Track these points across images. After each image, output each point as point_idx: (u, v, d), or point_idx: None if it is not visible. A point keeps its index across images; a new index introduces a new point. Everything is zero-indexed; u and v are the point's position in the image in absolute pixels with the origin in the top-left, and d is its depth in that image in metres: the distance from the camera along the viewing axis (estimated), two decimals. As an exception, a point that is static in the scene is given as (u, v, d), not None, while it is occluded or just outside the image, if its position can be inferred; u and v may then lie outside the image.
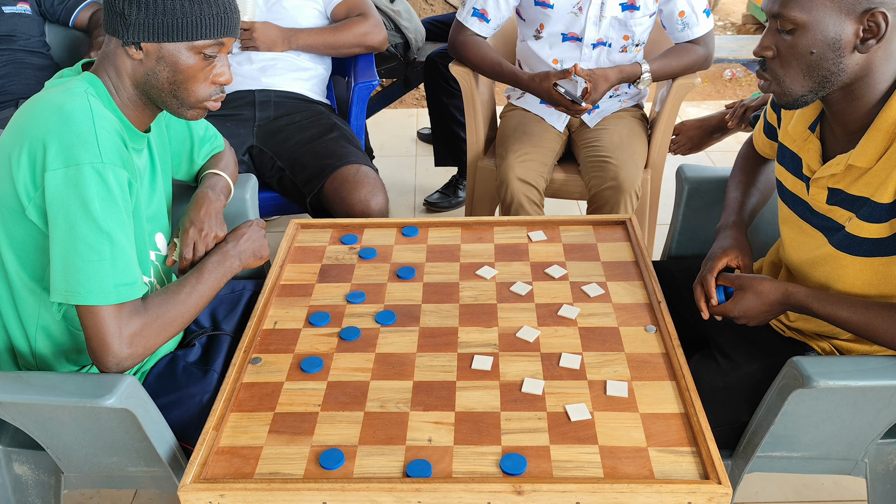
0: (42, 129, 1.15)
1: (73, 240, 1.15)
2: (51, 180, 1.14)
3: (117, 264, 1.17)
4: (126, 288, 1.18)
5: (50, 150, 1.14)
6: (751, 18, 5.08)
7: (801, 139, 1.34)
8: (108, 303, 1.16)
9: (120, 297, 1.17)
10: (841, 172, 1.25)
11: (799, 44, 1.16)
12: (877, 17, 1.11)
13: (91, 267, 1.15)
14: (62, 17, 2.57)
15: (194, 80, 1.25)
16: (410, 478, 1.11)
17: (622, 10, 2.10)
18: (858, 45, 1.14)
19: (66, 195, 1.14)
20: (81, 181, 1.14)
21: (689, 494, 1.07)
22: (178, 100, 1.27)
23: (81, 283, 1.15)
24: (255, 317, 1.44)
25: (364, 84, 2.29)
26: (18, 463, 1.38)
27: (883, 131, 1.18)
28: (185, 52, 1.23)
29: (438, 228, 1.74)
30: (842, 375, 1.17)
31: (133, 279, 1.19)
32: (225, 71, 1.28)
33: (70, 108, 1.17)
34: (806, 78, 1.19)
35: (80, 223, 1.14)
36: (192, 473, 1.12)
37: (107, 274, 1.16)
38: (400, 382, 1.29)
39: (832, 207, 1.28)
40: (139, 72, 1.24)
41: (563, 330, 1.40)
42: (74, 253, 1.15)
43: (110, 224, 1.16)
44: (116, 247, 1.17)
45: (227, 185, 1.58)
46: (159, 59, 1.23)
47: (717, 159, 3.36)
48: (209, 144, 1.62)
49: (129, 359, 1.20)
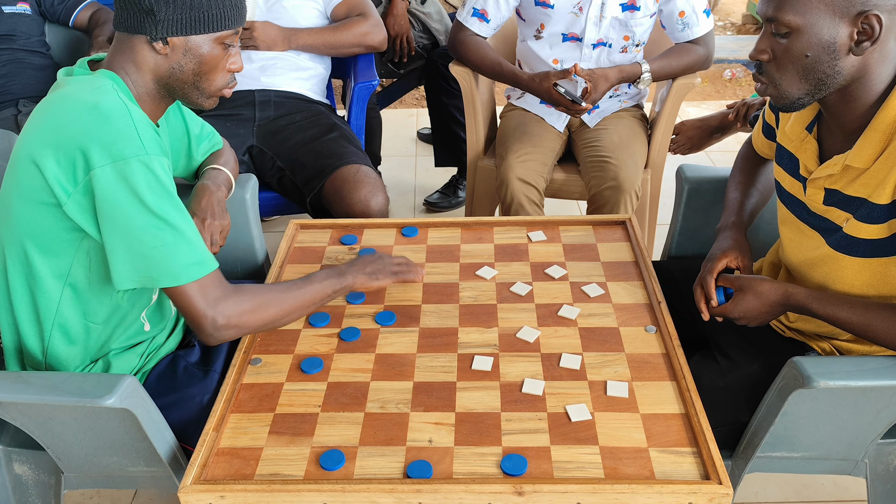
0: (79, 127, 1.17)
1: (134, 231, 1.18)
2: (100, 177, 1.16)
3: (179, 248, 1.21)
4: (195, 267, 1.22)
5: (94, 148, 1.16)
6: (751, 18, 5.08)
7: (799, 139, 1.34)
8: (180, 283, 1.21)
9: (190, 277, 1.22)
10: (838, 173, 1.25)
11: (794, 47, 1.16)
12: (870, 19, 1.11)
13: (157, 253, 1.19)
14: (62, 16, 2.57)
15: (216, 70, 1.31)
16: (411, 479, 1.11)
17: (622, 11, 2.10)
18: (853, 47, 1.14)
19: (118, 190, 1.17)
20: (131, 175, 1.16)
21: (689, 495, 1.07)
22: (199, 90, 1.32)
23: (153, 268, 1.20)
24: (255, 317, 1.44)
25: (364, 84, 2.28)
26: (18, 463, 1.38)
27: (880, 132, 1.18)
28: (209, 43, 1.28)
29: (438, 229, 1.74)
30: (842, 375, 1.17)
31: (200, 257, 1.23)
32: (238, 59, 1.34)
33: (106, 105, 1.20)
34: (802, 81, 1.19)
35: (137, 215, 1.18)
36: (193, 474, 1.12)
37: (172, 258, 1.20)
38: (400, 383, 1.29)
39: (829, 208, 1.28)
40: (163, 66, 1.28)
41: (564, 330, 1.40)
42: (138, 242, 1.19)
43: (166, 211, 1.19)
44: (175, 231, 1.20)
45: (227, 177, 1.60)
46: (185, 52, 1.27)
47: (717, 159, 3.36)
48: (207, 142, 1.62)
49: (224, 328, 1.25)
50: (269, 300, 1.30)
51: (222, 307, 1.24)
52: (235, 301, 1.26)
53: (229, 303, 1.25)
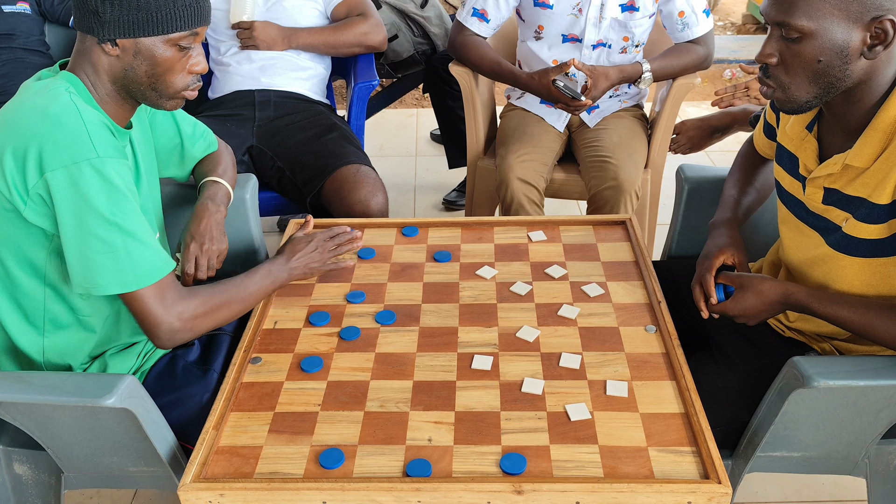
0: (30, 133, 1.16)
1: (84, 235, 1.17)
2: (53, 181, 1.15)
3: (132, 252, 1.19)
4: (151, 271, 1.21)
5: (45, 153, 1.15)
6: (751, 18, 5.08)
7: (799, 139, 1.34)
8: (131, 289, 1.20)
9: (146, 281, 1.21)
10: (838, 172, 1.24)
11: (805, 52, 1.14)
12: (884, 23, 1.10)
13: (106, 258, 1.18)
14: (62, 16, 2.57)
15: (172, 72, 1.26)
16: (410, 477, 1.11)
17: (622, 12, 2.10)
18: (865, 51, 1.13)
19: (70, 194, 1.15)
20: (81, 179, 1.15)
21: (688, 494, 1.07)
22: (156, 92, 1.28)
23: (100, 275, 1.18)
24: (255, 316, 1.44)
25: (364, 84, 2.28)
26: (18, 463, 1.38)
27: (880, 131, 1.18)
28: (161, 45, 1.23)
29: (438, 228, 1.74)
30: (842, 375, 1.17)
31: (155, 260, 1.22)
32: (200, 60, 1.29)
33: (56, 109, 1.18)
34: (812, 85, 1.18)
35: (88, 219, 1.16)
36: (192, 473, 1.12)
37: (123, 263, 1.19)
38: (400, 382, 1.29)
39: (828, 207, 1.28)
40: (116, 67, 1.25)
41: (563, 330, 1.40)
42: (88, 248, 1.17)
43: (117, 215, 1.18)
44: (127, 235, 1.19)
45: (227, 193, 1.58)
46: (136, 53, 1.23)
47: (717, 159, 3.36)
48: (202, 141, 1.61)
49: (181, 332, 1.25)
50: (219, 303, 1.31)
51: (179, 310, 1.24)
52: (190, 304, 1.26)
53: (184, 305, 1.25)
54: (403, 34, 2.83)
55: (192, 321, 1.26)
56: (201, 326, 1.28)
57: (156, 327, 1.23)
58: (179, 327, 1.24)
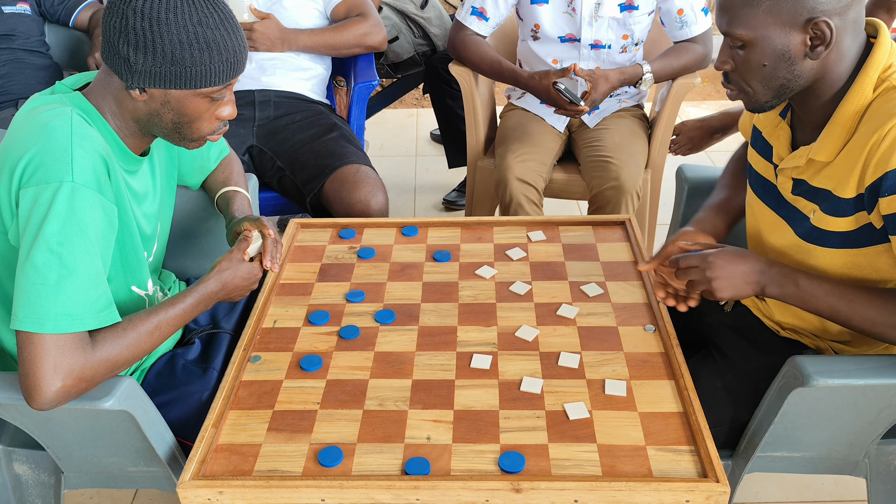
0: (24, 147, 1.12)
1: (25, 260, 1.08)
2: (22, 198, 1.09)
3: (62, 291, 1.07)
4: (67, 319, 1.07)
5: (28, 169, 1.10)
6: (751, 19, 5.07)
7: (772, 125, 1.36)
8: (43, 331, 1.06)
9: (58, 328, 1.06)
10: (803, 165, 1.26)
11: (750, 58, 1.19)
12: (820, 25, 1.13)
13: (33, 290, 1.06)
14: (62, 17, 2.58)
15: (200, 121, 1.22)
16: (409, 475, 1.11)
17: (621, 11, 2.10)
18: (808, 52, 1.16)
19: (31, 213, 1.08)
20: (45, 199, 1.08)
21: (687, 493, 1.07)
22: (180, 135, 1.24)
23: (20, 307, 1.07)
24: (254, 315, 1.45)
25: (364, 84, 2.29)
26: (18, 463, 1.38)
27: (840, 125, 1.20)
28: (192, 97, 1.18)
29: (438, 228, 1.74)
30: (842, 374, 1.17)
31: (80, 310, 1.09)
32: (230, 107, 1.24)
33: (52, 126, 1.13)
34: (765, 87, 1.21)
35: (35, 243, 1.07)
36: (191, 470, 1.12)
37: (48, 300, 1.06)
38: (399, 381, 1.29)
39: (797, 198, 1.30)
40: (141, 111, 1.20)
41: (562, 329, 1.40)
42: (23, 274, 1.08)
43: (64, 247, 1.08)
44: (65, 272, 1.07)
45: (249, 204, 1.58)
46: (164, 103, 1.18)
47: (717, 159, 3.36)
48: (216, 148, 1.61)
49: (59, 394, 1.08)
50: (126, 359, 1.16)
51: (64, 380, 1.07)
52: (84, 375, 1.09)
53: (74, 375, 1.08)
54: (404, 35, 2.84)
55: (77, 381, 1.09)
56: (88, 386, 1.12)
57: (34, 386, 1.06)
58: (52, 400, 1.07)
